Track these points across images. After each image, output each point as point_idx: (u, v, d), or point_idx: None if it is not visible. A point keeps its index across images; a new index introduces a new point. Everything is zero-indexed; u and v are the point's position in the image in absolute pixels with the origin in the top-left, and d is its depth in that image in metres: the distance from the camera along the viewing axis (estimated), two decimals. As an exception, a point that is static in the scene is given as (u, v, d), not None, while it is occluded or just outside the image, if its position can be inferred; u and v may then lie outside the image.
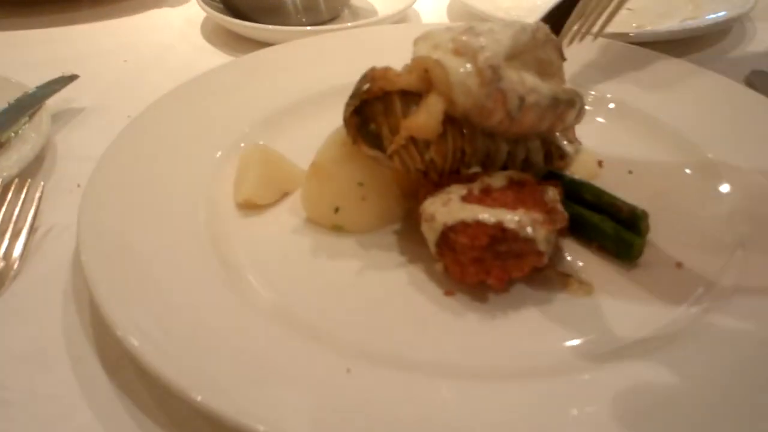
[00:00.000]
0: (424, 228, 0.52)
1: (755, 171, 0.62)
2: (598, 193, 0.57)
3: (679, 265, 0.55)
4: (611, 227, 0.54)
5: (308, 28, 0.95)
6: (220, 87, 0.76)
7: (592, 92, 0.77)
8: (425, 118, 0.52)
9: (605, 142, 0.71)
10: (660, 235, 0.58)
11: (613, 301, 0.52)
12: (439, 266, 0.53)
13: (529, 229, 0.48)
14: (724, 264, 0.54)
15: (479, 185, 0.52)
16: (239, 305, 0.50)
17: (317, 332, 0.48)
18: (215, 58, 0.94)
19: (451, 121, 0.54)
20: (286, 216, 0.61)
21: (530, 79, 0.54)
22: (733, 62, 0.90)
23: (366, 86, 0.54)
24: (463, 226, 0.49)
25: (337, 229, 0.59)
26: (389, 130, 0.54)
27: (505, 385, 0.44)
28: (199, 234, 0.57)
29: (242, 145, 0.68)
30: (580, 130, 0.69)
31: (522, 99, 0.53)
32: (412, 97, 0.53)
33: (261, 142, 0.68)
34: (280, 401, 0.42)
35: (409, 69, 0.55)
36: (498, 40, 0.53)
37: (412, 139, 0.53)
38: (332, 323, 0.50)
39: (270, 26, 0.94)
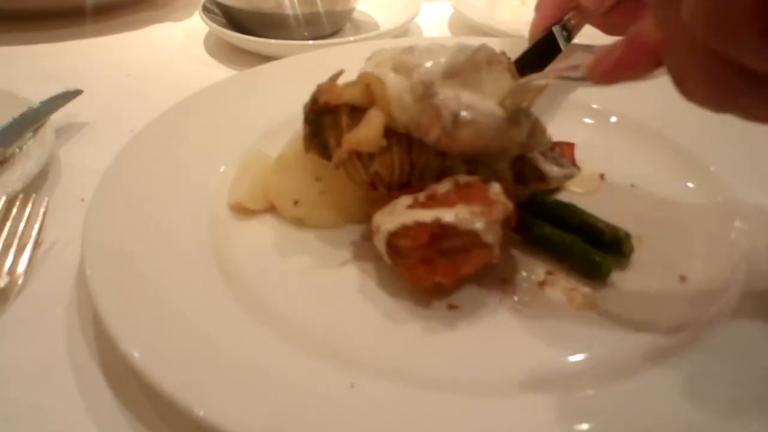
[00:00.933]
0: (375, 240, 0.53)
1: (759, 185, 0.62)
2: (581, 215, 0.58)
3: (683, 278, 0.55)
4: (580, 248, 0.55)
5: (310, 42, 0.96)
6: (222, 101, 0.77)
7: (594, 105, 0.78)
8: (365, 132, 0.55)
9: (607, 155, 0.71)
10: (663, 248, 0.58)
11: (615, 316, 0.52)
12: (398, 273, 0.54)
13: (467, 222, 0.49)
14: (728, 278, 0.54)
15: (426, 193, 0.54)
16: (243, 320, 0.50)
17: (321, 347, 0.48)
18: (218, 72, 0.95)
19: (397, 136, 0.55)
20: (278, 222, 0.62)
21: (468, 97, 0.54)
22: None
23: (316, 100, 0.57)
24: (404, 230, 0.50)
25: (298, 222, 0.61)
26: (336, 142, 0.56)
27: (507, 399, 0.44)
28: (203, 248, 0.57)
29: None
30: (583, 143, 0.70)
31: (456, 115, 0.53)
32: (359, 112, 0.56)
33: (259, 149, 0.68)
34: (283, 417, 0.42)
35: (353, 84, 0.57)
36: (435, 59, 0.55)
37: (357, 153, 0.55)
38: (336, 337, 0.50)
39: (272, 40, 0.95)
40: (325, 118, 0.57)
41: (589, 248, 0.56)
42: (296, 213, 0.61)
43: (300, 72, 0.84)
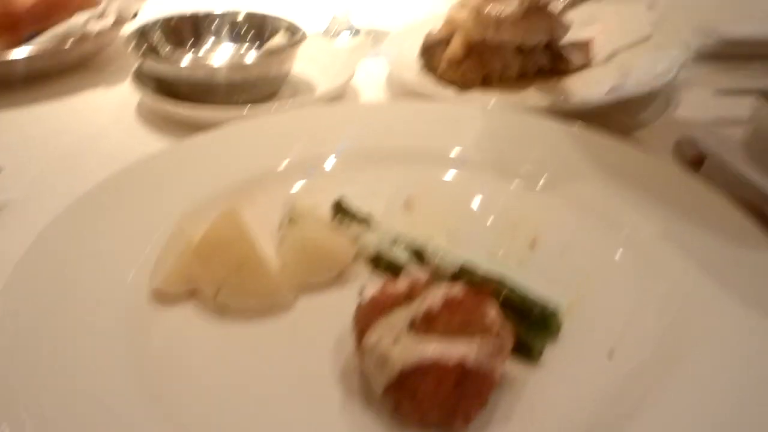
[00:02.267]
0: (371, 368, 0.50)
1: (686, 256, 0.63)
2: (511, 288, 0.58)
3: (611, 354, 0.55)
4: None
5: (246, 108, 0.94)
6: (150, 177, 0.75)
7: (524, 167, 0.79)
8: (452, 47, 1.00)
9: (538, 219, 0.71)
10: (592, 321, 0.58)
11: (536, 396, 0.51)
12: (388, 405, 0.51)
13: (488, 363, 0.48)
14: (654, 352, 0.54)
15: (419, 308, 0.51)
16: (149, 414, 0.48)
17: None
18: (150, 140, 0.93)
19: (473, 48, 0.99)
20: (203, 309, 0.60)
21: (501, 6, 0.96)
22: (659, 129, 0.93)
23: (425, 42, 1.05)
24: (423, 369, 0.47)
25: (220, 310, 0.59)
26: (437, 60, 1.02)
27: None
28: (116, 339, 0.55)
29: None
30: (510, 204, 0.72)
31: (497, 17, 0.96)
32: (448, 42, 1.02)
33: (183, 230, 0.66)
34: None
35: (442, 27, 1.04)
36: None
37: (450, 61, 1.00)
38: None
39: (205, 108, 0.93)
40: (432, 49, 1.04)
41: (521, 328, 0.55)
42: (218, 302, 0.59)
43: (233, 143, 0.83)
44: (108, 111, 1.02)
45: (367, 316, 0.52)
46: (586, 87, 1.02)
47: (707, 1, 1.32)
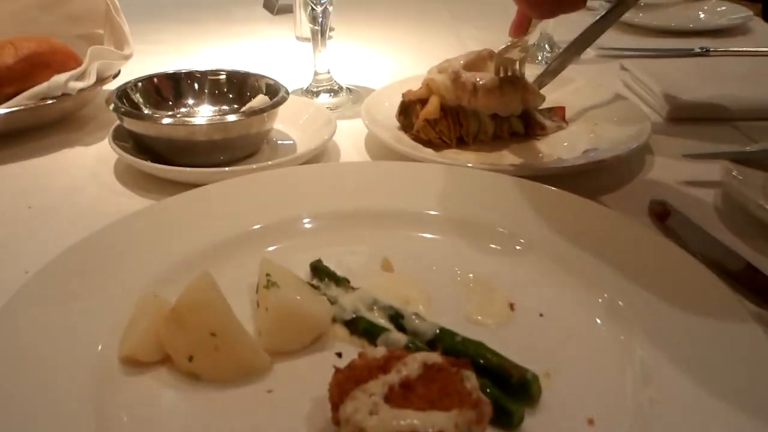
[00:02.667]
0: None
1: (665, 322, 0.63)
2: (489, 355, 0.58)
3: (590, 421, 0.54)
4: (492, 395, 0.54)
5: (226, 169, 0.94)
6: (124, 240, 0.74)
7: (500, 229, 0.79)
8: (429, 108, 1.02)
9: (516, 282, 0.72)
10: (571, 387, 0.58)
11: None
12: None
13: None
14: (633, 422, 0.53)
15: (397, 377, 0.50)
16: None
17: None
18: (128, 201, 0.92)
19: (448, 109, 1.03)
20: (175, 376, 0.59)
21: (479, 74, 1.02)
22: (633, 191, 0.95)
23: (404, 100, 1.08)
24: None
25: (194, 377, 0.58)
26: (415, 117, 1.04)
27: None
28: (83, 409, 0.54)
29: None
30: (488, 267, 0.73)
31: (474, 84, 1.00)
32: (425, 101, 1.05)
33: (155, 295, 0.65)
34: None
35: (420, 87, 1.06)
36: (458, 60, 1.05)
37: (427, 120, 1.02)
38: None
39: (184, 168, 0.93)
40: (409, 107, 1.06)
41: (501, 395, 0.55)
42: (191, 368, 0.58)
43: (210, 204, 0.83)
44: (86, 169, 1.02)
45: (344, 384, 0.52)
46: (560, 150, 1.05)
47: (674, 67, 1.37)
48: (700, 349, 0.59)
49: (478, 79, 1.00)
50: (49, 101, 1.07)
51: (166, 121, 0.96)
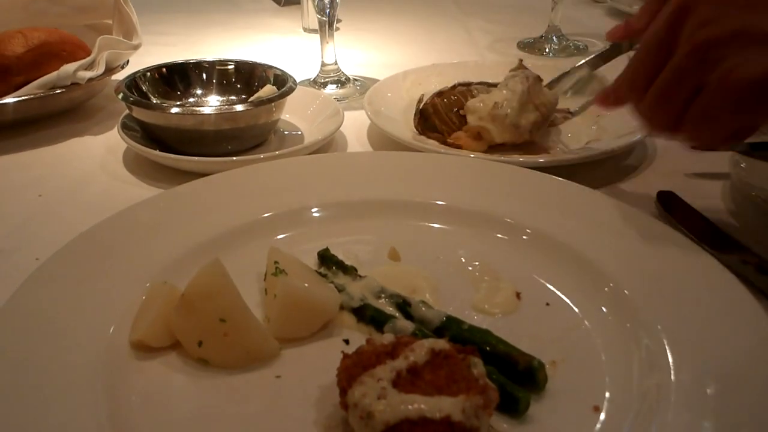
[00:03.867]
0: (356, 423, 0.49)
1: (672, 308, 0.63)
2: (496, 343, 0.59)
3: (596, 408, 0.55)
4: (499, 382, 0.54)
5: (234, 158, 0.95)
6: (134, 227, 0.75)
7: (508, 219, 0.80)
8: (476, 148, 0.99)
9: (522, 271, 0.72)
10: (577, 375, 0.58)
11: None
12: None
13: (474, 419, 0.47)
14: (639, 409, 0.54)
15: (404, 363, 0.51)
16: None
17: None
18: (136, 189, 0.93)
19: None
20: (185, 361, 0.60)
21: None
22: (639, 183, 0.95)
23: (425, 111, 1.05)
24: (408, 426, 0.46)
25: (203, 362, 0.59)
26: (438, 121, 1.04)
27: None
28: (93, 392, 0.54)
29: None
30: (494, 256, 0.73)
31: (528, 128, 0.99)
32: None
33: (166, 282, 0.66)
34: None
35: (469, 131, 1.01)
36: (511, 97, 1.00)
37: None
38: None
39: (192, 158, 0.94)
40: (429, 118, 1.04)
41: (507, 382, 0.55)
42: (200, 354, 0.59)
43: (219, 192, 0.83)
44: (95, 158, 1.02)
45: (352, 369, 0.52)
46: (564, 141, 1.05)
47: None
48: (706, 337, 0.59)
49: (532, 121, 0.98)
50: (59, 91, 1.07)
51: (174, 110, 0.97)
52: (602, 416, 0.54)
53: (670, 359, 0.57)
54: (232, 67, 1.14)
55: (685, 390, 0.54)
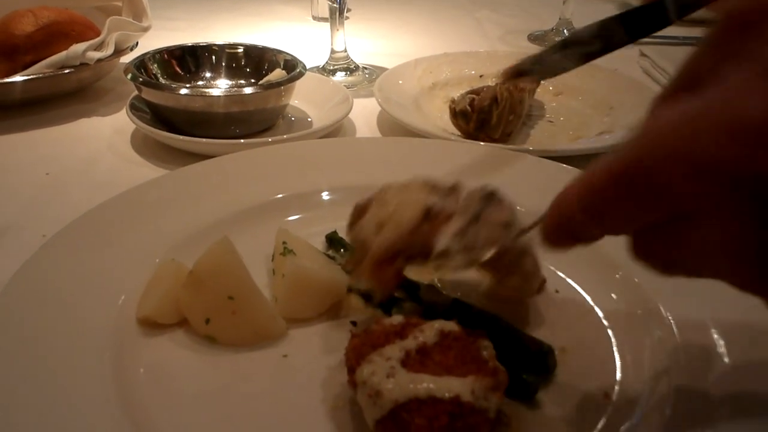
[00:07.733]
0: (364, 401, 0.49)
1: (682, 296, 0.62)
2: (506, 328, 0.58)
3: (606, 395, 0.54)
4: (508, 365, 0.53)
5: (242, 141, 0.95)
6: (141, 206, 0.74)
7: (517, 207, 0.79)
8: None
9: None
10: (586, 363, 0.58)
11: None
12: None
13: (483, 400, 0.47)
14: (650, 396, 0.53)
15: (414, 343, 0.50)
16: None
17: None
18: (144, 170, 0.92)
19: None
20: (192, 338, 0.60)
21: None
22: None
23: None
24: (417, 404, 0.46)
25: (210, 340, 0.59)
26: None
27: None
28: (100, 366, 0.54)
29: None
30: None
31: None
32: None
33: (174, 259, 0.65)
34: None
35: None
36: None
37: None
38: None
39: (201, 139, 0.93)
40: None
41: (517, 367, 0.54)
42: (208, 331, 0.58)
43: (228, 173, 0.83)
44: (102, 139, 1.02)
45: (361, 348, 0.52)
46: (576, 131, 1.04)
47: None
48: (718, 323, 0.58)
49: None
50: (67, 70, 1.07)
51: (183, 91, 0.96)
52: (613, 404, 0.54)
53: (681, 345, 0.57)
54: (242, 50, 1.14)
55: (696, 376, 0.53)
